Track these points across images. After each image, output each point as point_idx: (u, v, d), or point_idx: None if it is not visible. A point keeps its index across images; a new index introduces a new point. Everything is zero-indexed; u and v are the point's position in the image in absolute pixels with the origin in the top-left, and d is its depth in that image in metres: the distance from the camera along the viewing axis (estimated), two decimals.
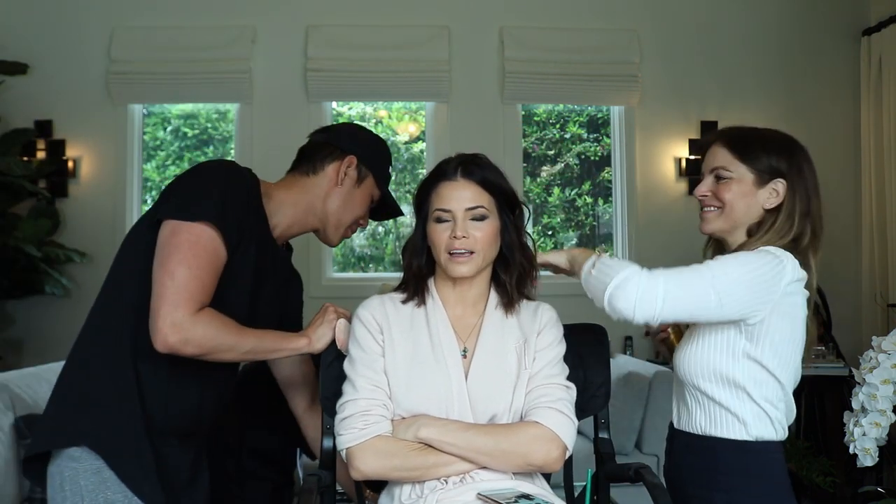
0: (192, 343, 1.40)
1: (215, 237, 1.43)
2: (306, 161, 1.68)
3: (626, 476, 1.60)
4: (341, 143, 1.68)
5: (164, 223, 1.44)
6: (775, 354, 1.52)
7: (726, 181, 1.62)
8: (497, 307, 1.59)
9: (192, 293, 1.39)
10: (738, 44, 4.21)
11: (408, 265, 1.61)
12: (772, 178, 1.58)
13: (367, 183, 1.70)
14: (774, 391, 1.54)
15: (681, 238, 4.16)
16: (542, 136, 4.47)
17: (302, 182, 1.66)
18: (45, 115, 3.92)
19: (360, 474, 1.47)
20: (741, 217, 1.61)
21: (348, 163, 1.66)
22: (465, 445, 1.43)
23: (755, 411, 1.54)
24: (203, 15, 3.97)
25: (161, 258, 1.41)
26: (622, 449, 3.27)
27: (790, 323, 1.52)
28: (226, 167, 1.54)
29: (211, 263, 1.43)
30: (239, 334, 1.48)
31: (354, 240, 4.40)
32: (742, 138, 1.63)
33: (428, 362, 1.51)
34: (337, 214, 1.67)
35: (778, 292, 1.48)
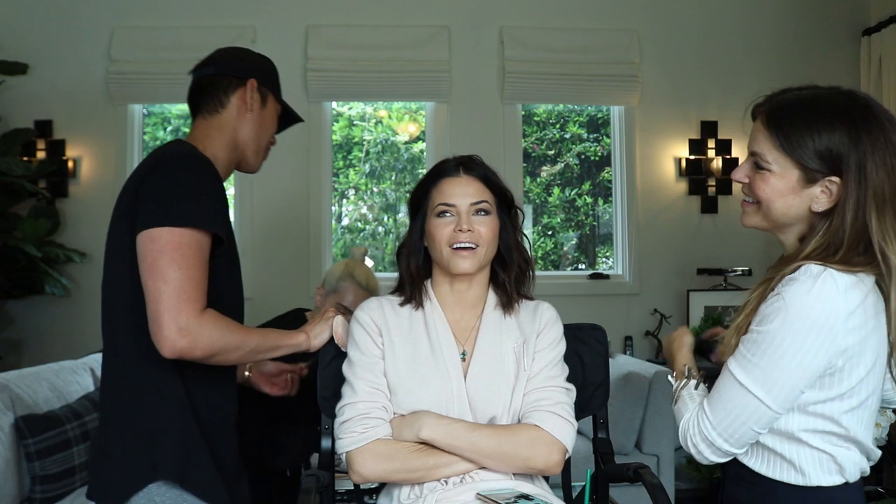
0: (200, 346, 1.38)
1: (200, 238, 1.42)
2: (207, 99, 1.63)
3: (626, 476, 1.60)
4: (236, 70, 1.65)
5: (141, 234, 1.41)
6: (846, 399, 1.26)
7: (764, 173, 1.30)
8: (496, 308, 1.59)
9: (189, 294, 1.38)
10: (738, 44, 4.21)
11: (405, 267, 1.60)
12: (825, 175, 1.24)
13: (270, 101, 1.69)
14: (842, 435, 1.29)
15: (681, 238, 4.17)
16: (542, 136, 4.47)
17: (215, 122, 1.62)
18: (45, 115, 3.92)
19: (360, 478, 1.46)
20: (780, 218, 1.31)
21: (251, 87, 1.64)
22: (467, 447, 1.43)
23: (816, 458, 1.28)
24: (203, 15, 3.97)
25: (148, 266, 1.39)
26: (622, 449, 3.27)
27: (868, 359, 1.25)
28: (191, 160, 1.49)
29: (200, 263, 1.41)
30: (243, 334, 1.48)
31: (355, 240, 4.40)
32: (788, 117, 1.26)
33: (427, 365, 1.51)
34: (255, 140, 1.66)
35: (840, 339, 1.20)
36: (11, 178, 3.58)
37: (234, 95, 1.63)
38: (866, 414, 1.29)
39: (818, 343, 1.20)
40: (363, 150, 4.44)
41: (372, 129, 4.43)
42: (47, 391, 2.72)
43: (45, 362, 2.99)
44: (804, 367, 1.21)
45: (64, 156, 3.92)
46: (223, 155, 1.61)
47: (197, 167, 1.47)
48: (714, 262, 4.06)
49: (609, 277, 4.16)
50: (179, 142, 1.58)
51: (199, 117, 1.64)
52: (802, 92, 1.29)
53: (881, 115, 1.23)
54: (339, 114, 4.33)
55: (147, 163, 1.50)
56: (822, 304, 1.18)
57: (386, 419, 1.48)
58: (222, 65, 1.65)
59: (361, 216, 4.50)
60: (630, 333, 4.07)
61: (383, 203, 4.44)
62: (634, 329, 4.10)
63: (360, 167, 4.44)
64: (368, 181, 4.45)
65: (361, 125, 4.43)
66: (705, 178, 4.14)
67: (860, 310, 1.21)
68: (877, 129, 1.21)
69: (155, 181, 1.44)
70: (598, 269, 4.30)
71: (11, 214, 3.67)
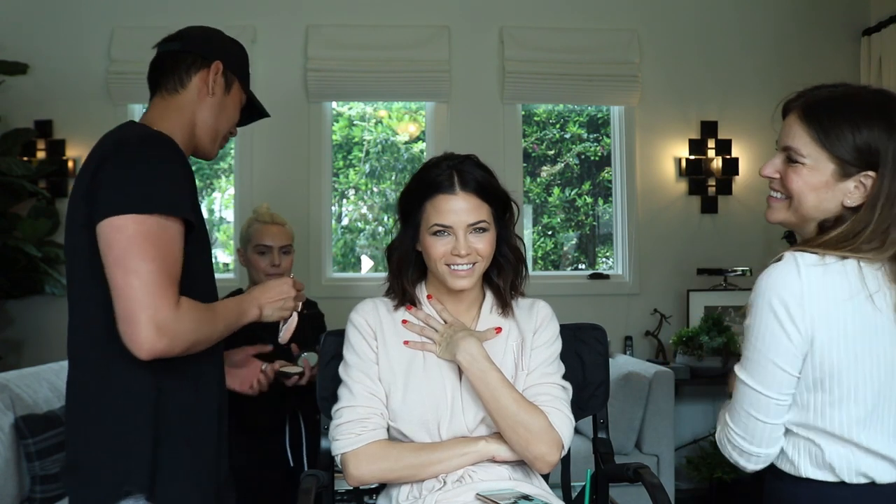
0: (179, 343, 1.27)
1: (169, 225, 1.30)
2: (169, 75, 1.50)
3: (626, 476, 1.60)
4: (202, 49, 1.53)
5: (103, 223, 1.28)
6: (845, 406, 1.25)
7: (797, 166, 1.28)
8: (492, 310, 1.59)
9: (165, 288, 1.25)
10: (738, 44, 4.21)
11: (396, 274, 1.58)
12: (861, 170, 1.24)
13: (235, 88, 1.57)
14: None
15: (681, 238, 4.17)
16: (542, 136, 4.47)
17: (175, 102, 1.50)
18: (45, 115, 3.92)
19: (354, 480, 1.46)
20: (811, 212, 1.29)
21: (215, 69, 1.52)
22: (490, 393, 1.43)
23: (805, 449, 1.29)
24: (203, 15, 3.95)
25: (115, 259, 1.26)
26: (622, 449, 3.27)
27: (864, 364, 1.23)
28: (153, 141, 1.37)
29: (173, 251, 1.30)
30: (213, 316, 1.38)
31: (355, 240, 4.40)
32: (826, 111, 1.26)
33: (422, 369, 1.51)
34: (214, 126, 1.53)
35: (800, 320, 1.22)
36: (11, 178, 3.58)
37: (197, 76, 1.51)
38: (884, 424, 1.25)
39: (780, 319, 1.22)
40: (363, 150, 4.44)
41: (372, 129, 4.43)
42: (47, 391, 2.72)
43: (45, 362, 2.99)
44: (776, 346, 1.23)
45: (64, 156, 3.92)
46: (179, 138, 1.47)
47: (160, 148, 1.35)
48: (714, 262, 4.06)
49: (609, 277, 4.16)
50: (134, 123, 1.47)
51: (157, 96, 1.52)
52: (837, 89, 1.29)
53: None
54: (339, 114, 4.33)
55: (102, 147, 1.37)
56: (775, 280, 1.23)
57: (383, 425, 1.48)
58: (188, 42, 1.54)
59: (361, 216, 4.50)
60: (630, 333, 4.07)
61: (383, 203, 4.44)
62: (634, 329, 4.10)
63: (360, 167, 4.44)
64: (368, 181, 4.45)
65: (361, 125, 4.43)
66: (705, 178, 4.14)
67: (826, 298, 1.22)
68: None
69: (115, 166, 1.31)
70: (598, 269, 4.30)
71: (11, 214, 3.67)
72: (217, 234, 4.49)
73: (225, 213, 4.49)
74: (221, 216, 4.51)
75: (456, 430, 1.48)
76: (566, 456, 1.76)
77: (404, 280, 1.57)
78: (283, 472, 2.43)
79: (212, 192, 4.49)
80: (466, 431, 1.48)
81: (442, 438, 1.47)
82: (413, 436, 1.48)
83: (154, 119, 1.48)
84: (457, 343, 1.47)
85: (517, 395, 1.45)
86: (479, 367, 1.44)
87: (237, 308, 1.48)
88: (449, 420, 1.47)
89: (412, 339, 1.54)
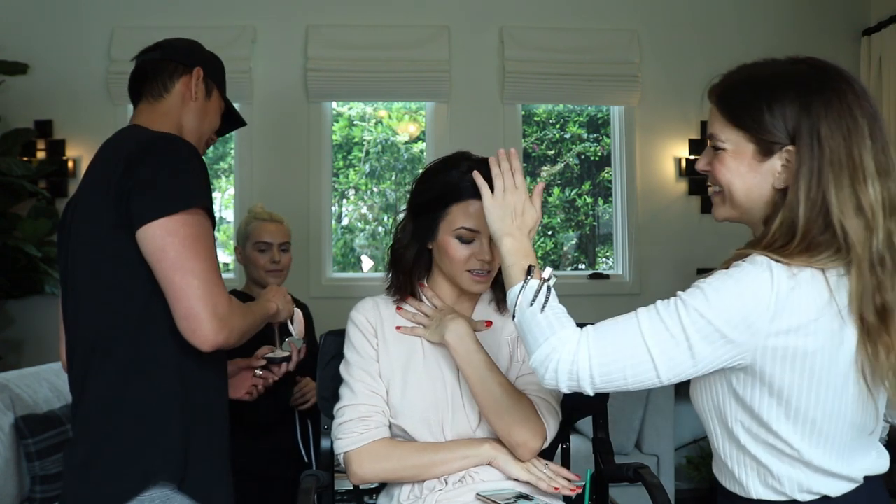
0: (234, 333, 1.36)
1: (206, 221, 1.38)
2: (151, 83, 1.56)
3: (625, 476, 1.61)
4: (183, 57, 1.58)
5: (149, 225, 1.32)
6: (800, 423, 1.12)
7: (720, 153, 1.20)
8: (489, 303, 1.60)
9: (218, 283, 1.34)
10: (738, 44, 4.20)
11: (405, 271, 1.57)
12: (782, 146, 1.12)
13: (215, 95, 1.63)
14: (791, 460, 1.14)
15: (681, 238, 4.17)
16: (542, 136, 4.47)
17: (160, 107, 1.55)
18: (45, 115, 3.92)
19: (357, 478, 1.47)
20: (744, 202, 1.19)
21: (196, 76, 1.57)
22: (476, 376, 1.43)
23: (754, 467, 1.17)
24: (203, 15, 3.96)
25: (172, 262, 1.31)
26: (622, 449, 3.27)
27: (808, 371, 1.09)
28: (174, 140, 1.42)
29: (213, 245, 1.39)
30: (248, 309, 1.46)
31: (355, 240, 4.40)
32: (740, 89, 1.17)
33: (421, 364, 1.51)
34: (198, 130, 1.59)
35: (761, 333, 1.08)
36: (11, 178, 3.58)
37: (179, 82, 1.56)
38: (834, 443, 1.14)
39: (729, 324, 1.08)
40: (363, 150, 4.45)
41: (372, 129, 4.43)
42: (47, 391, 2.72)
43: (45, 362, 2.99)
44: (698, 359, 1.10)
45: (64, 156, 3.92)
46: None
47: (182, 145, 1.41)
48: (714, 262, 4.03)
49: (609, 277, 4.16)
50: (138, 127, 1.49)
51: (142, 102, 1.57)
52: (754, 66, 1.19)
53: (839, 78, 1.13)
54: (339, 114, 4.33)
55: (125, 148, 1.40)
56: (750, 282, 1.08)
57: (385, 423, 1.49)
58: (169, 50, 1.59)
59: (361, 216, 4.51)
60: None
61: (383, 203, 4.45)
62: None
63: (360, 167, 4.44)
64: (368, 181, 4.45)
65: (361, 125, 4.43)
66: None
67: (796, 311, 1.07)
68: (831, 91, 1.11)
69: (149, 166, 1.35)
70: (598, 269, 4.30)
71: (11, 214, 3.67)
72: (217, 234, 4.49)
73: (225, 213, 4.50)
74: (221, 216, 4.51)
75: (460, 428, 1.48)
76: (566, 456, 1.76)
77: (413, 276, 1.57)
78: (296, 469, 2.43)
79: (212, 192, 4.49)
80: (470, 429, 1.48)
81: (446, 437, 1.48)
82: (416, 434, 1.48)
83: (147, 124, 1.51)
84: (446, 324, 1.47)
85: (504, 380, 1.45)
86: (465, 348, 1.45)
87: (262, 303, 1.58)
88: (452, 418, 1.48)
89: (404, 325, 1.54)
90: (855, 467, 1.16)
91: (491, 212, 1.33)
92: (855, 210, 1.08)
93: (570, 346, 1.14)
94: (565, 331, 1.16)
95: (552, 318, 1.18)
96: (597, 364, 1.12)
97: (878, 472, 1.19)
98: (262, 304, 1.58)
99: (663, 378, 1.11)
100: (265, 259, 2.51)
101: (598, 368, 1.12)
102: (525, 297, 1.21)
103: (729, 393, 1.16)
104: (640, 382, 1.12)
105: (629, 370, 1.12)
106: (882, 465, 1.20)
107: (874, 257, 1.08)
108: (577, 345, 1.14)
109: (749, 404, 1.14)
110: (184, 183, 1.36)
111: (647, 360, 1.11)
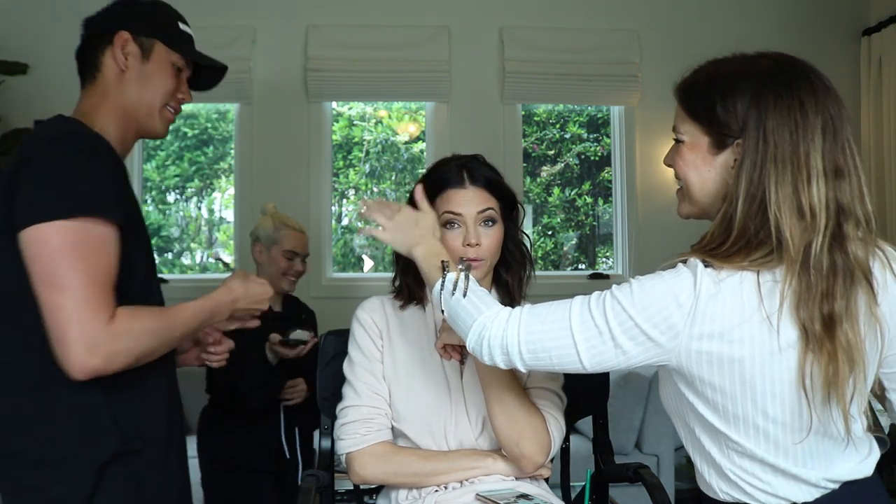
0: (117, 360, 1.18)
1: (101, 231, 1.19)
2: (85, 64, 1.42)
3: (626, 476, 1.61)
4: (101, 26, 1.40)
5: (26, 231, 1.16)
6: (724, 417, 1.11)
7: (678, 146, 1.18)
8: None
9: (95, 303, 1.16)
10: (738, 44, 4.14)
11: (405, 270, 1.56)
12: (734, 140, 1.10)
13: (158, 51, 1.40)
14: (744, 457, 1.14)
15: (681, 238, 4.16)
16: (542, 136, 4.47)
17: (96, 89, 1.40)
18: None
19: (358, 479, 1.47)
20: (700, 196, 1.18)
21: (119, 42, 1.37)
22: (495, 381, 1.41)
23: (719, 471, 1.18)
24: (203, 15, 3.94)
25: (41, 275, 1.15)
26: (622, 449, 3.27)
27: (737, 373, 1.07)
28: (74, 139, 1.26)
29: (104, 259, 1.19)
30: (166, 323, 1.26)
31: (354, 239, 4.40)
32: (699, 82, 1.17)
33: (425, 368, 1.51)
34: (144, 101, 1.39)
35: (683, 335, 1.07)
36: None
37: (106, 55, 1.39)
38: (793, 448, 1.11)
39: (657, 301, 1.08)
40: (363, 150, 4.45)
41: (372, 129, 4.43)
42: None
43: None
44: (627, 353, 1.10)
45: None
46: (113, 126, 1.38)
47: (82, 145, 1.25)
48: None
49: (609, 277, 4.16)
50: (61, 118, 1.37)
51: (83, 89, 1.43)
52: (721, 60, 1.19)
53: (799, 73, 1.11)
54: (339, 114, 4.33)
55: (23, 145, 1.27)
56: (676, 278, 1.09)
57: (387, 425, 1.49)
58: (90, 24, 1.42)
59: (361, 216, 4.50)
60: None
61: None
62: None
63: (360, 167, 4.44)
64: (368, 181, 4.45)
65: (361, 125, 4.43)
66: None
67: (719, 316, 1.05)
68: (784, 86, 1.08)
69: (34, 168, 1.20)
70: (598, 269, 4.30)
71: None
72: (217, 234, 4.49)
73: (225, 213, 4.50)
74: (221, 216, 4.51)
75: (462, 436, 1.48)
76: (566, 456, 1.76)
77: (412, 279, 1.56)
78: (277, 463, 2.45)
79: (212, 192, 4.49)
80: (472, 437, 1.48)
81: (448, 444, 1.47)
82: (418, 440, 1.48)
83: (83, 112, 1.39)
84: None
85: (521, 391, 1.45)
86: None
87: (205, 308, 1.35)
88: (455, 425, 1.47)
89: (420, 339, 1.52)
90: (830, 472, 1.12)
91: (392, 241, 1.37)
92: (794, 209, 1.05)
93: (499, 321, 1.17)
94: (491, 309, 1.20)
95: (476, 300, 1.21)
96: (525, 341, 1.15)
97: (859, 477, 1.15)
98: (205, 308, 1.35)
99: (587, 365, 1.13)
100: (289, 266, 2.59)
101: (525, 346, 1.15)
102: (446, 288, 1.24)
103: (682, 394, 1.16)
104: (565, 366, 1.14)
105: (554, 352, 1.14)
106: (864, 470, 1.15)
107: (811, 261, 1.04)
108: (507, 321, 1.17)
109: (694, 406, 1.14)
110: (71, 187, 1.18)
111: (571, 345, 1.12)
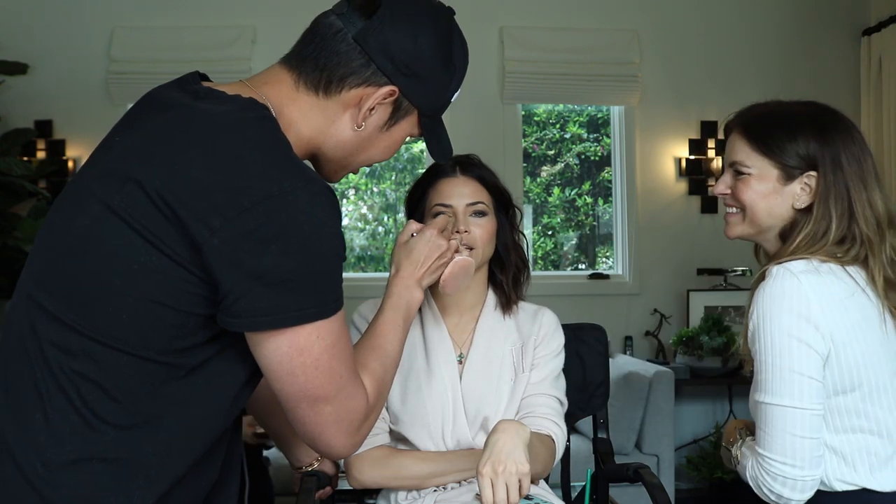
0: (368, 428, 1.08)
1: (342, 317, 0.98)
2: (320, 70, 1.04)
3: (626, 476, 1.61)
4: (382, 61, 1.03)
5: (278, 336, 0.92)
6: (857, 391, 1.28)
7: (744, 178, 1.36)
8: (495, 309, 1.58)
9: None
10: (738, 44, 4.21)
11: None
12: (802, 172, 1.32)
13: (406, 123, 1.11)
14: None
15: (681, 238, 4.17)
16: (542, 136, 4.47)
17: (310, 102, 1.05)
18: (45, 115, 3.92)
19: (357, 483, 1.47)
20: (765, 220, 1.36)
21: (382, 96, 1.04)
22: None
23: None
24: (203, 15, 3.96)
25: (297, 389, 0.95)
26: (622, 449, 3.27)
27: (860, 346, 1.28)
28: (320, 205, 0.93)
29: (349, 344, 1.01)
30: (383, 355, 1.17)
31: (354, 240, 4.40)
32: (763, 124, 1.37)
33: (422, 371, 1.51)
34: (345, 156, 1.10)
35: (821, 321, 1.25)
36: (11, 178, 3.58)
37: (354, 92, 1.05)
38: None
39: (796, 330, 1.24)
40: None
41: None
42: None
43: None
44: (799, 358, 1.24)
45: (64, 156, 3.92)
46: (296, 144, 1.03)
47: (331, 211, 0.95)
48: (714, 262, 4.06)
49: (609, 277, 4.16)
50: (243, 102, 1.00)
51: (300, 79, 1.07)
52: (769, 105, 1.42)
53: (845, 120, 1.38)
54: None
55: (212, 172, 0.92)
56: (778, 294, 1.26)
57: (385, 429, 1.49)
58: (374, 33, 1.06)
59: (361, 216, 4.51)
60: (630, 333, 4.07)
61: (383, 203, 4.45)
62: (634, 329, 4.10)
63: None
64: (368, 181, 4.45)
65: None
66: (705, 178, 4.14)
67: (830, 299, 1.26)
68: (843, 129, 1.35)
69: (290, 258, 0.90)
70: (598, 269, 4.30)
71: (11, 214, 3.67)
72: None
73: None
74: None
75: (459, 435, 1.48)
76: (566, 456, 1.76)
77: None
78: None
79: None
80: (469, 437, 1.48)
81: (446, 444, 1.47)
82: (416, 441, 1.48)
83: (279, 102, 1.03)
84: None
85: (537, 439, 1.42)
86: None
87: (401, 311, 1.22)
88: (452, 425, 1.47)
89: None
90: None
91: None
92: (871, 219, 1.31)
93: (756, 467, 1.33)
94: (750, 461, 1.36)
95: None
96: (778, 457, 1.28)
97: None
98: (401, 310, 1.21)
99: (802, 405, 1.27)
100: None
101: (781, 459, 1.28)
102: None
103: None
104: (806, 426, 1.27)
105: (806, 433, 1.27)
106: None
107: (885, 259, 1.31)
108: (758, 461, 1.32)
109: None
110: (329, 278, 0.96)
111: (781, 409, 1.28)
